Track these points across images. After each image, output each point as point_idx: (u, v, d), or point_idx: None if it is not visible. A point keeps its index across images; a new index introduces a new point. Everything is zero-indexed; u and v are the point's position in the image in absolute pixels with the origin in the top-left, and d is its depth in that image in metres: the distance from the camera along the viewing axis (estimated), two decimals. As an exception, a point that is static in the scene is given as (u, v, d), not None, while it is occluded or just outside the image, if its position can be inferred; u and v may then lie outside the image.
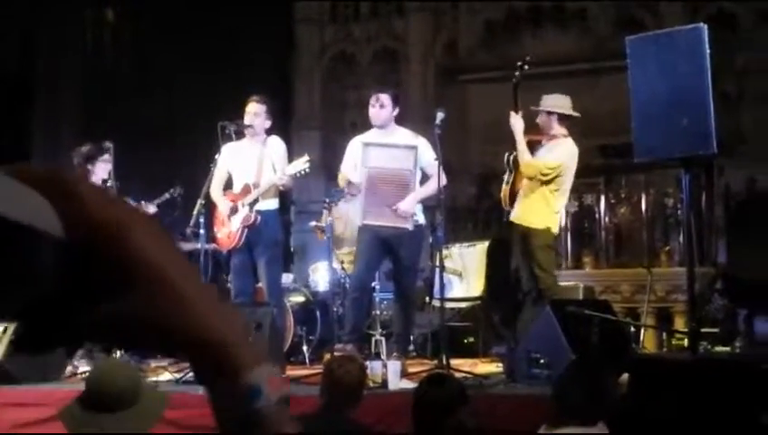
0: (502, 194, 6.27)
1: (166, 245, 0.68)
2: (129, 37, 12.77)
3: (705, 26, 4.73)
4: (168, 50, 11.77)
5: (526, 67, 6.06)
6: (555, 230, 6.19)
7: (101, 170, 6.82)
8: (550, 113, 6.20)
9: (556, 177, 6.02)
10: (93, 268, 0.64)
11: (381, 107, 6.11)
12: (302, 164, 6.14)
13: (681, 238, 9.36)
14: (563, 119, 6.22)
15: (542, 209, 6.04)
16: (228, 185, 6.48)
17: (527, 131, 6.18)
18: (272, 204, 6.39)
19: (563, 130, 6.21)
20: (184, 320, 0.68)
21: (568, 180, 6.17)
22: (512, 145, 6.19)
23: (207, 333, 0.70)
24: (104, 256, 0.64)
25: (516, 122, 6.09)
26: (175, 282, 0.67)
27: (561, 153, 6.12)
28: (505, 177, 6.27)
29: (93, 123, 9.15)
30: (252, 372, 0.73)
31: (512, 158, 6.19)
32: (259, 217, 6.22)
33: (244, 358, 0.73)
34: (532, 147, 6.18)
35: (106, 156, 6.83)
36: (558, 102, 6.27)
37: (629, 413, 2.81)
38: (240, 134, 6.43)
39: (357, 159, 6.14)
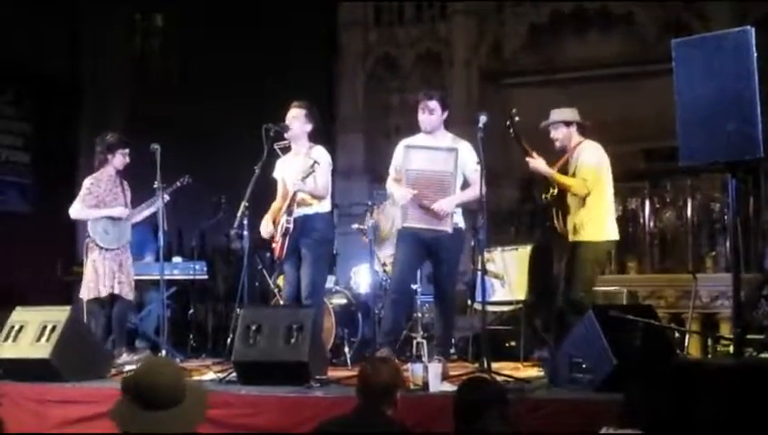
0: (558, 229, 6.19)
1: None
2: (176, 42, 12.94)
3: (753, 29, 4.67)
4: (214, 54, 11.90)
5: (516, 119, 5.96)
6: (613, 237, 6.15)
7: (119, 162, 6.94)
8: (556, 127, 6.18)
9: (596, 182, 5.98)
10: None
11: (431, 113, 6.12)
12: (308, 169, 6.16)
13: (727, 244, 9.25)
14: (576, 127, 6.20)
15: (591, 223, 6.01)
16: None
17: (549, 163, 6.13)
18: (318, 207, 6.38)
19: (580, 138, 6.19)
20: None
21: (607, 182, 6.13)
22: (543, 185, 6.15)
23: None
24: None
25: (537, 163, 6.04)
26: None
27: (588, 156, 6.07)
28: (553, 214, 6.20)
29: (139, 125, 9.28)
30: None
31: (549, 197, 6.14)
32: (291, 224, 6.22)
33: None
34: (565, 171, 6.14)
35: (127, 149, 6.93)
36: (564, 115, 6.23)
37: (671, 419, 2.79)
38: (286, 149, 6.51)
39: (399, 163, 6.16)
